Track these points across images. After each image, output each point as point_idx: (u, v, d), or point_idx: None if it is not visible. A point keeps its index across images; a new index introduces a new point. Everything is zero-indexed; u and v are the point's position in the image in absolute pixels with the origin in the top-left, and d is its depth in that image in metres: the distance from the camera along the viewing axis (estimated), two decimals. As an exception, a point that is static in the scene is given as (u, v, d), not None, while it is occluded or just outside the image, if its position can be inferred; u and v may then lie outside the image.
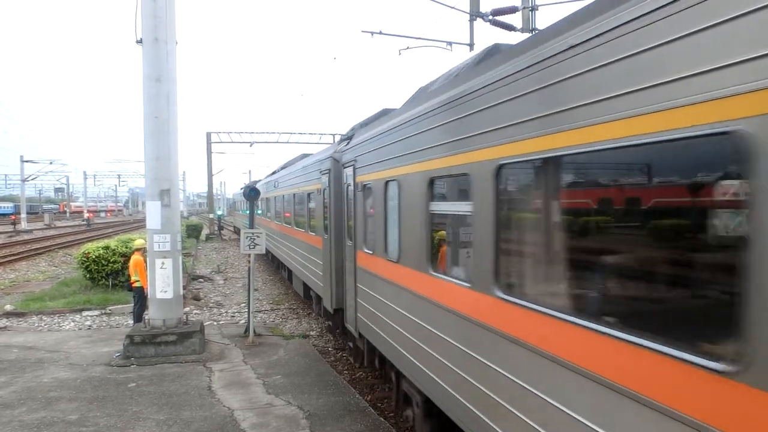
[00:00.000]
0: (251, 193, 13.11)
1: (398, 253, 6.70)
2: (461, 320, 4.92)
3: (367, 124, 9.81)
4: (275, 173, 23.32)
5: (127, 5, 60.79)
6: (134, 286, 11.47)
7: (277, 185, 20.77)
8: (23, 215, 58.71)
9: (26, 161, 58.56)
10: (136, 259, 11.49)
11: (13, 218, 62.44)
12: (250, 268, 12.21)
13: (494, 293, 4.30)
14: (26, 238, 43.58)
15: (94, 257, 17.13)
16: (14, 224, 56.96)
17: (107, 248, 17.32)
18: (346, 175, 9.93)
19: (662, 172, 3.04)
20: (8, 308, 15.08)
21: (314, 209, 12.98)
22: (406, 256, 6.45)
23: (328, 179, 11.06)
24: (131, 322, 12.22)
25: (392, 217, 6.95)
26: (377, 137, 7.70)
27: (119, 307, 15.06)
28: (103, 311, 14.96)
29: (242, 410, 7.47)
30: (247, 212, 14.54)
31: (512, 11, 12.66)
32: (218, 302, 17.16)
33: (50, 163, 64.56)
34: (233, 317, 14.88)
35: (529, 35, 9.72)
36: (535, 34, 4.29)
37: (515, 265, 4.29)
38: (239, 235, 20.56)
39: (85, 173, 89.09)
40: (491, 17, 12.73)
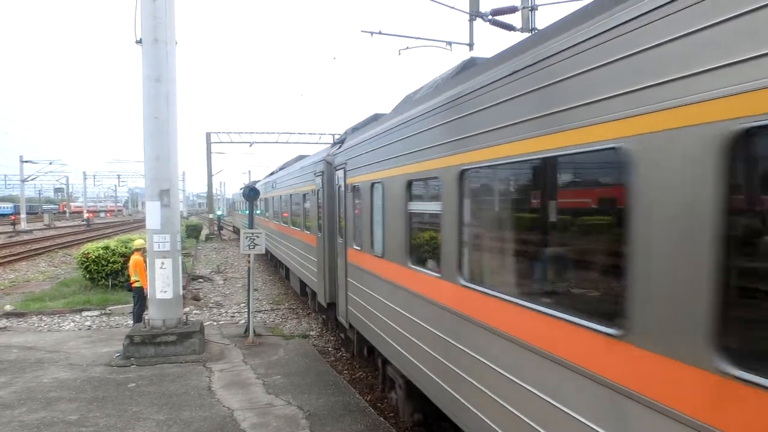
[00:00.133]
0: (251, 193, 13.10)
1: (382, 248, 7.29)
2: (433, 306, 5.59)
3: (358, 128, 10.33)
4: (273, 174, 23.39)
5: (127, 5, 60.63)
6: (134, 286, 11.46)
7: (275, 186, 20.93)
8: (23, 215, 58.64)
9: (26, 161, 58.44)
10: (135, 259, 11.49)
11: (12, 218, 62.41)
12: (249, 268, 12.21)
13: (458, 281, 4.98)
14: (26, 238, 43.54)
15: (93, 257, 17.12)
16: (14, 224, 56.96)
17: (107, 248, 17.32)
18: (337, 177, 10.40)
19: (570, 178, 3.84)
20: (8, 308, 15.08)
21: (309, 209, 13.49)
22: (389, 251, 7.05)
23: (321, 181, 11.56)
24: (131, 322, 12.23)
25: (377, 216, 7.60)
26: (365, 142, 8.28)
27: (119, 307, 15.07)
28: (102, 311, 14.96)
29: (242, 410, 7.47)
30: (246, 212, 14.55)
31: (512, 11, 12.68)
32: (218, 302, 17.16)
33: (50, 163, 64.50)
34: (233, 317, 14.88)
35: (528, 35, 9.71)
36: (495, 55, 4.77)
37: (474, 256, 5.00)
38: (239, 235, 20.57)
39: (84, 173, 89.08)
40: (491, 17, 12.75)
